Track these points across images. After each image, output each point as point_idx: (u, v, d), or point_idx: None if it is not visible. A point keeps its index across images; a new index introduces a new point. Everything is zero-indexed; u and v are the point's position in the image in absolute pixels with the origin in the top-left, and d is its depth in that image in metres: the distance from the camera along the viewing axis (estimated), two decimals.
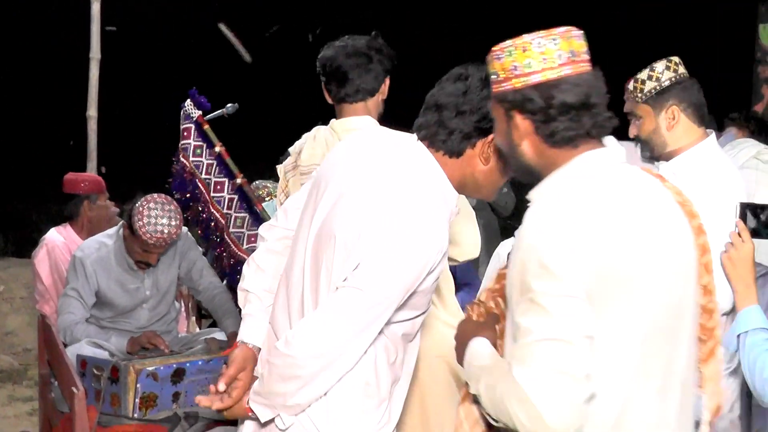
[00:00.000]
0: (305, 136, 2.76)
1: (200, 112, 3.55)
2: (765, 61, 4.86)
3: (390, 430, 1.93)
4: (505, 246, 3.78)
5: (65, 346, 3.27)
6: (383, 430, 1.91)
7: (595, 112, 1.60)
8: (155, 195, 3.37)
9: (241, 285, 2.06)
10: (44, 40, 11.17)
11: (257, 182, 4.37)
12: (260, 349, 1.99)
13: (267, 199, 4.21)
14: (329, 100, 2.72)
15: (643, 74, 2.70)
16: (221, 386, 1.93)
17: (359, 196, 1.83)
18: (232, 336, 3.33)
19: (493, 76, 1.65)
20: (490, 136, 1.83)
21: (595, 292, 1.49)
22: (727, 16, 9.36)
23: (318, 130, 2.73)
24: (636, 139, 2.78)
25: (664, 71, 2.68)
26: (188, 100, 3.56)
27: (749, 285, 2.12)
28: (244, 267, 2.08)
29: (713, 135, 2.74)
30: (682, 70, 2.70)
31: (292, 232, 2.01)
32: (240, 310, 2.12)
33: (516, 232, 1.69)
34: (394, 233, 1.77)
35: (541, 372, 1.46)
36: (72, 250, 3.70)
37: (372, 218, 1.79)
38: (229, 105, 3.89)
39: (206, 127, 3.55)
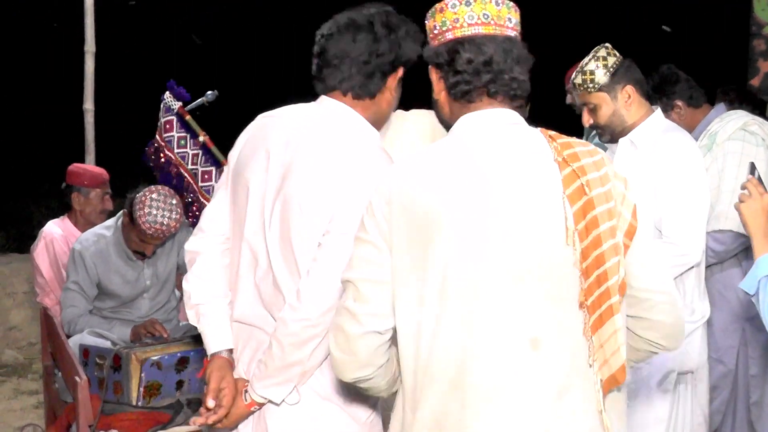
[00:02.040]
0: None
1: (180, 103, 3.55)
2: (760, 34, 4.82)
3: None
4: None
5: (68, 338, 3.29)
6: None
7: (497, 70, 1.71)
8: (159, 186, 3.38)
9: (189, 303, 2.07)
10: (39, 34, 11.15)
11: None
12: (231, 350, 2.03)
13: None
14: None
15: (589, 65, 2.83)
16: (210, 403, 1.97)
17: (309, 159, 1.93)
18: None
19: (428, 37, 1.80)
20: (400, 70, 2.02)
21: (404, 238, 1.63)
22: None
23: None
24: (593, 127, 2.91)
25: (608, 57, 2.84)
26: (167, 92, 3.56)
27: (766, 232, 2.14)
28: (184, 286, 2.09)
29: (658, 108, 2.94)
30: (617, 53, 2.87)
31: (223, 236, 2.07)
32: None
33: None
34: (355, 179, 1.89)
35: (339, 305, 1.70)
36: (70, 242, 3.72)
37: (329, 172, 1.91)
38: (209, 93, 3.86)
39: (188, 117, 3.55)
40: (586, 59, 2.86)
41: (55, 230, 3.96)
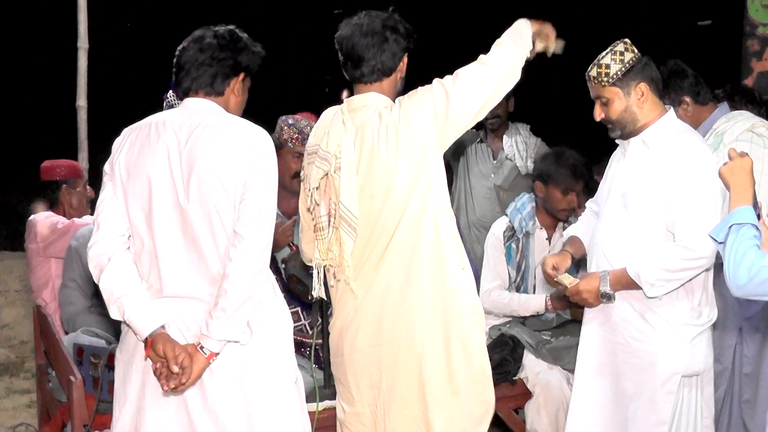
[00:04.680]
0: (322, 115, 2.78)
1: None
2: (753, 34, 4.85)
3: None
4: (498, 224, 3.82)
5: (66, 335, 3.27)
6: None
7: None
8: None
9: (112, 299, 2.36)
10: (31, 31, 11.09)
11: None
12: (164, 325, 2.34)
13: None
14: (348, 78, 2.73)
15: (605, 59, 2.82)
16: (175, 368, 2.29)
17: (210, 143, 2.34)
18: None
19: None
20: (241, 75, 2.48)
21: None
22: None
23: (329, 111, 2.75)
24: (603, 122, 2.89)
25: (625, 53, 2.82)
26: (170, 91, 3.55)
27: (746, 189, 2.16)
28: (102, 285, 2.38)
29: (672, 108, 2.93)
30: (635, 50, 2.85)
31: (123, 236, 2.40)
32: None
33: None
34: (252, 149, 2.36)
35: None
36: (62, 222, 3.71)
37: (233, 150, 2.34)
38: None
39: None
40: (603, 53, 2.83)
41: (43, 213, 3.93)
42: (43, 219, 3.83)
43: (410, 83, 2.75)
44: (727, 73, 5.12)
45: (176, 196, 2.35)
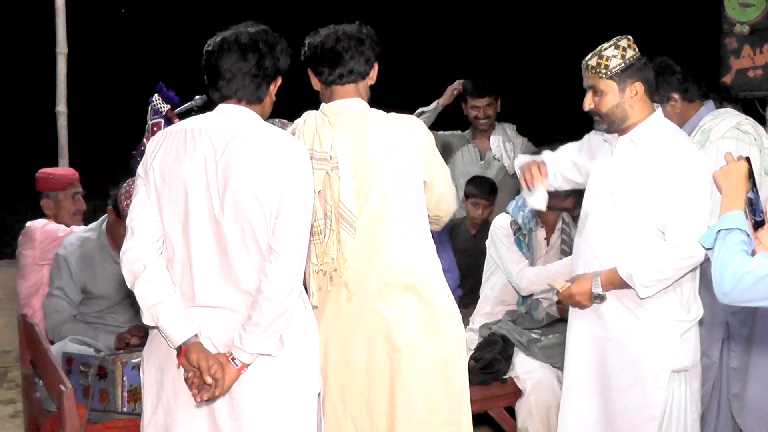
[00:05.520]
0: (296, 122, 2.76)
1: (169, 106, 3.53)
2: (731, 32, 4.90)
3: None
4: (502, 218, 3.83)
5: (52, 344, 3.24)
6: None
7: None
8: None
9: (146, 305, 2.36)
10: (9, 36, 10.96)
11: None
12: (197, 334, 2.33)
13: None
14: (316, 86, 2.74)
15: (607, 51, 2.82)
16: (209, 379, 2.28)
17: (248, 155, 2.32)
18: None
19: None
20: (278, 79, 2.46)
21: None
22: None
23: (308, 115, 2.74)
24: (591, 112, 2.89)
25: (627, 49, 2.83)
26: (156, 95, 3.54)
27: (739, 193, 2.14)
28: (137, 291, 2.37)
29: (660, 108, 2.94)
30: (636, 48, 2.86)
31: (158, 243, 2.38)
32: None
33: None
34: (290, 163, 2.34)
35: None
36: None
37: (270, 163, 2.32)
38: (197, 97, 3.82)
39: (176, 121, 3.51)
40: (605, 44, 2.83)
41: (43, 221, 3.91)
42: (42, 226, 3.82)
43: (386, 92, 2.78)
44: (706, 71, 5.17)
45: (211, 208, 2.33)
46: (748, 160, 2.21)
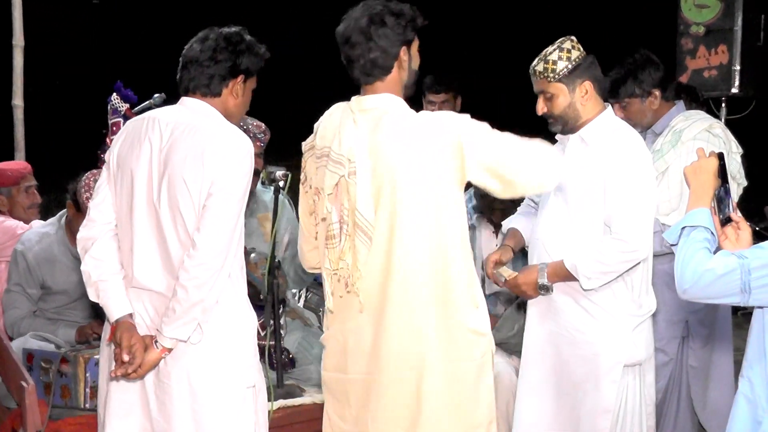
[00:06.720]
0: (327, 112, 2.58)
1: (128, 105, 3.51)
2: (687, 33, 4.99)
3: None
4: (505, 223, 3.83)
5: (11, 340, 3.19)
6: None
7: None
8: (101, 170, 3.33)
9: (90, 282, 2.46)
10: None
11: None
12: (131, 314, 2.42)
13: None
14: None
15: (552, 55, 2.87)
16: (125, 357, 2.36)
17: (185, 143, 2.37)
18: None
19: None
20: (239, 77, 2.48)
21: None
22: None
23: (336, 108, 2.56)
24: (545, 116, 2.94)
25: (572, 50, 2.88)
26: (114, 94, 3.52)
27: (706, 191, 2.15)
28: (83, 267, 2.48)
29: (610, 106, 2.99)
30: (581, 48, 2.91)
31: (111, 224, 2.49)
32: None
33: None
34: (224, 151, 2.36)
35: None
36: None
37: (202, 150, 2.36)
38: (156, 95, 3.78)
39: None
40: (550, 48, 2.87)
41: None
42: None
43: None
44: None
45: (151, 195, 2.42)
46: (720, 156, 2.20)
